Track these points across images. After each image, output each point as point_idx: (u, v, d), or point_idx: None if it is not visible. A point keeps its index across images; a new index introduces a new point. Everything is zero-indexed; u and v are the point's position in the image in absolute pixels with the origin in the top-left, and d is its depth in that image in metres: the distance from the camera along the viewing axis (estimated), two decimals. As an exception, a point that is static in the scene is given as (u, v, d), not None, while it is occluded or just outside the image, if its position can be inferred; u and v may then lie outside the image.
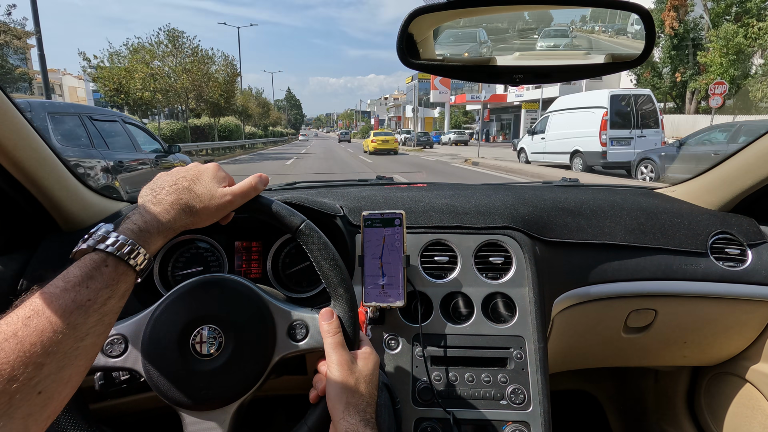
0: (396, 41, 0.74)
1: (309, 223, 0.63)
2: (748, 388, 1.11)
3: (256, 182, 0.62)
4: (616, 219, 1.04)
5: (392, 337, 0.85)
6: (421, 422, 0.79)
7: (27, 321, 0.42)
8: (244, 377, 0.60)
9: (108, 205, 0.99)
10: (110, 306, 0.47)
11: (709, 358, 1.18)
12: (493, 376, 0.82)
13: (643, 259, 1.00)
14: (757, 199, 1.07)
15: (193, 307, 0.62)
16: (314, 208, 0.91)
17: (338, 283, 0.62)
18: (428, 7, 0.73)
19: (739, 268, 1.01)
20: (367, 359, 0.61)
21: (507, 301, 0.88)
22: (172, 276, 0.97)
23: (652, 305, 1.03)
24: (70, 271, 0.46)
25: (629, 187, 1.37)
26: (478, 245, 0.92)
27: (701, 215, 1.07)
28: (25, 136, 0.74)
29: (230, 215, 0.62)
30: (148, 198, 0.55)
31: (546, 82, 0.82)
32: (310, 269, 0.99)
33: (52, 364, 0.42)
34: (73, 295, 0.44)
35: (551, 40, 0.82)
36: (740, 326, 1.07)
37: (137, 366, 0.60)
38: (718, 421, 1.20)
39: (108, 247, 0.49)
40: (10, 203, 0.81)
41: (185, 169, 0.59)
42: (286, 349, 0.63)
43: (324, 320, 0.60)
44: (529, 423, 0.78)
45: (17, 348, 0.40)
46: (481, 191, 1.11)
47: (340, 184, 1.37)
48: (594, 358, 1.20)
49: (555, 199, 1.07)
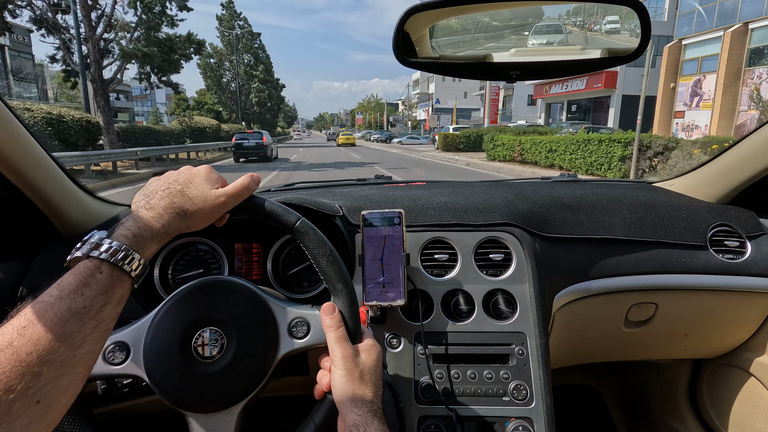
0: (392, 40, 0.74)
1: (305, 220, 0.63)
2: (750, 379, 1.11)
3: (248, 182, 0.61)
4: (615, 213, 1.04)
5: (394, 336, 0.85)
6: (424, 420, 0.79)
7: (22, 331, 0.41)
8: (247, 378, 0.60)
9: (107, 209, 0.98)
10: (106, 313, 0.47)
11: (710, 351, 1.18)
12: (495, 373, 0.82)
13: (643, 253, 1.00)
14: (755, 191, 1.07)
15: (194, 310, 0.62)
16: (313, 209, 0.91)
17: (337, 278, 0.62)
18: (424, 5, 0.73)
19: (738, 260, 1.01)
20: (369, 351, 0.61)
21: (508, 297, 0.88)
22: (172, 279, 0.97)
23: (653, 299, 1.03)
24: (65, 279, 0.46)
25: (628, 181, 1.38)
26: (478, 242, 0.92)
27: (700, 208, 1.07)
28: (24, 142, 0.74)
29: (225, 217, 0.62)
30: (141, 203, 0.55)
31: (543, 78, 0.82)
32: (310, 270, 0.99)
33: (50, 372, 0.41)
34: (68, 303, 0.44)
35: (546, 36, 0.82)
36: (740, 318, 1.07)
37: (140, 372, 0.60)
38: (720, 412, 1.20)
39: (102, 254, 0.48)
40: (9, 209, 0.81)
41: (177, 173, 0.59)
42: (288, 347, 0.63)
43: (326, 314, 0.61)
44: (531, 419, 0.79)
45: (13, 358, 0.40)
46: (480, 188, 1.11)
47: (339, 183, 1.36)
48: (595, 352, 1.20)
49: (554, 195, 1.07)
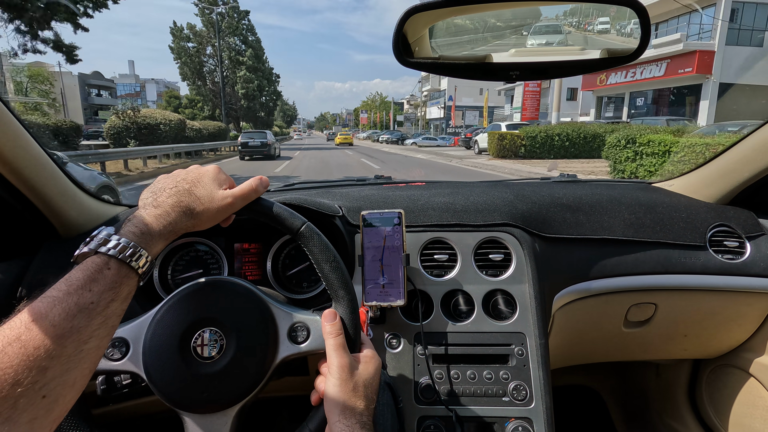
0: (392, 40, 0.74)
1: (310, 225, 0.63)
2: (749, 379, 1.11)
3: (256, 185, 0.62)
4: (614, 214, 1.04)
5: (393, 337, 0.85)
6: (423, 420, 0.79)
7: (30, 325, 0.42)
8: (245, 379, 0.60)
9: (106, 210, 0.98)
10: (113, 309, 0.47)
11: (710, 351, 1.18)
12: (494, 373, 0.82)
13: (642, 254, 1.00)
14: (755, 192, 1.07)
15: (194, 310, 0.62)
16: (313, 209, 0.90)
17: (339, 285, 0.62)
18: (424, 5, 0.73)
19: (737, 260, 1.01)
20: (368, 363, 0.61)
21: (507, 298, 0.88)
22: (172, 279, 0.97)
23: (652, 299, 1.03)
24: (73, 274, 0.46)
25: (627, 181, 1.38)
26: (478, 243, 0.92)
27: (699, 208, 1.08)
28: (23, 143, 0.74)
29: (231, 217, 0.62)
30: (149, 201, 0.55)
31: (542, 78, 0.82)
32: (309, 270, 0.98)
33: (56, 367, 0.42)
34: (76, 299, 0.44)
35: (545, 37, 0.82)
36: (740, 318, 1.07)
37: (139, 369, 0.60)
38: (719, 413, 1.20)
39: (110, 250, 0.48)
40: (8, 210, 0.81)
41: (185, 172, 0.59)
42: (288, 351, 0.63)
43: (327, 321, 0.60)
44: (531, 419, 0.79)
45: (21, 352, 0.40)
46: (480, 188, 1.11)
47: (339, 184, 1.36)
48: (595, 353, 1.20)
49: (553, 195, 1.07)
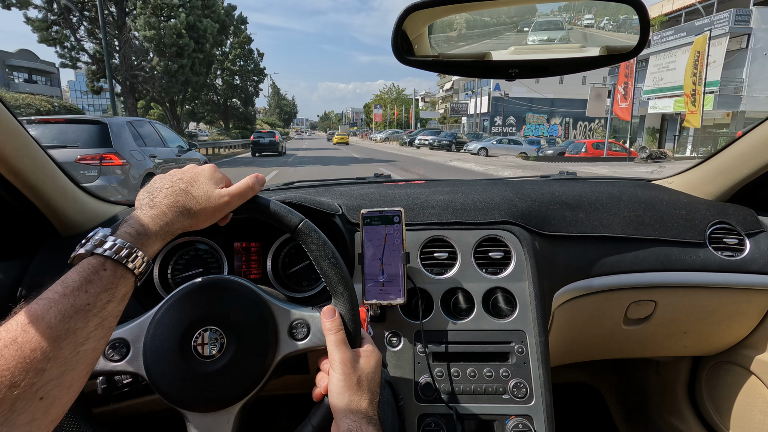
0: (391, 39, 0.74)
1: (308, 222, 0.63)
2: (749, 376, 1.12)
3: (252, 182, 0.61)
4: (614, 211, 1.04)
5: (394, 335, 0.85)
6: (424, 418, 0.79)
7: (26, 327, 0.41)
8: (246, 378, 0.60)
9: (106, 209, 0.98)
10: (110, 310, 0.47)
11: (709, 348, 1.18)
12: (495, 371, 0.82)
13: (642, 251, 1.00)
14: (754, 189, 1.07)
15: (194, 309, 0.62)
16: (313, 207, 0.90)
17: (338, 281, 0.62)
18: (422, 3, 0.72)
19: (737, 257, 1.01)
20: (369, 357, 0.61)
21: (507, 295, 0.88)
22: (172, 279, 0.97)
23: (652, 296, 1.03)
24: (69, 276, 0.46)
25: (627, 179, 1.38)
26: (478, 240, 0.92)
27: (699, 206, 1.08)
28: (23, 143, 0.74)
29: (228, 216, 0.62)
30: (145, 201, 0.55)
31: (542, 76, 0.82)
32: (309, 268, 0.99)
33: (53, 369, 0.42)
34: (72, 300, 0.44)
35: (545, 34, 0.82)
36: (739, 315, 1.08)
37: (139, 369, 0.60)
38: (719, 409, 1.21)
39: (106, 251, 0.48)
40: (8, 209, 0.81)
41: (181, 171, 0.59)
42: (288, 348, 0.63)
43: (326, 318, 0.60)
44: (531, 416, 0.79)
45: (17, 354, 0.40)
46: (480, 186, 1.11)
47: (338, 182, 1.36)
48: (595, 350, 1.20)
49: (553, 193, 1.07)
